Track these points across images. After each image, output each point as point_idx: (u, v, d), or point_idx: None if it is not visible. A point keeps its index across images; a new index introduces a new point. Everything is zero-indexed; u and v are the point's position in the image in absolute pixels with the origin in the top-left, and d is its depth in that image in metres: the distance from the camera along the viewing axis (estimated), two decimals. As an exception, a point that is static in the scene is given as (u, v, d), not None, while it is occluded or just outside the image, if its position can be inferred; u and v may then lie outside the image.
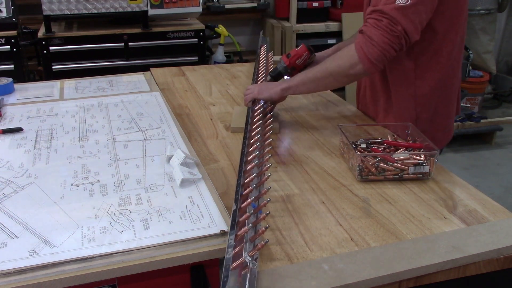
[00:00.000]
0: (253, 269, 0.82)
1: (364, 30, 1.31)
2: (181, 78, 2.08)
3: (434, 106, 1.46)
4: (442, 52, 1.40)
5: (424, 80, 1.43)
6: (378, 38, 1.27)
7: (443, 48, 1.39)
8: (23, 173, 1.18)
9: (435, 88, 1.43)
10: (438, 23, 1.35)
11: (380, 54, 1.28)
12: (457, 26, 1.39)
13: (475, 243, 0.96)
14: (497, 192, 3.08)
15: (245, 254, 0.84)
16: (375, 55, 1.28)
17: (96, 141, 1.37)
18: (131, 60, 2.90)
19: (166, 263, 0.88)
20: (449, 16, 1.36)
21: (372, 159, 1.21)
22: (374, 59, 1.28)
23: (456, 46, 1.42)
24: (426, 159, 1.20)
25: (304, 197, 1.14)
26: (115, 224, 0.96)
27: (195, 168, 1.20)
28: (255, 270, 0.83)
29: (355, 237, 0.99)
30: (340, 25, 3.72)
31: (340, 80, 1.39)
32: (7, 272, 0.82)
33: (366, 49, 1.28)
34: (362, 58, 1.29)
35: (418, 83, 1.43)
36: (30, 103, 1.69)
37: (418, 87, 1.43)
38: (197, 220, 0.98)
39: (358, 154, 1.20)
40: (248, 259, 0.83)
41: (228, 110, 1.69)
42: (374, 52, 1.28)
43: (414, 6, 1.25)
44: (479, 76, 4.13)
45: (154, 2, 2.83)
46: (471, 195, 1.15)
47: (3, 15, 2.74)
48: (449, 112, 1.52)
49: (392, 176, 1.20)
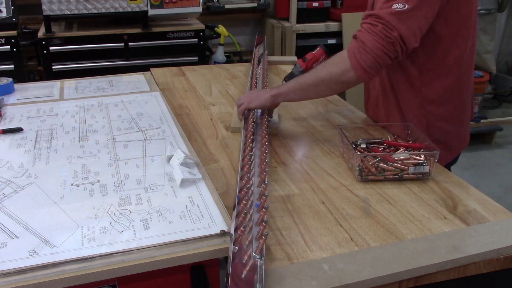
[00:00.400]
0: (261, 266, 0.83)
1: (357, 35, 1.25)
2: (181, 78, 2.08)
3: (446, 113, 1.41)
4: (449, 57, 1.34)
5: (431, 87, 1.37)
6: (372, 44, 1.21)
7: (450, 54, 1.34)
8: (23, 173, 1.18)
9: (445, 95, 1.38)
10: (442, 28, 1.29)
11: (374, 61, 1.21)
12: (465, 30, 1.33)
13: (475, 243, 0.96)
14: (497, 192, 3.08)
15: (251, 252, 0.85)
16: (368, 62, 1.22)
17: (96, 141, 1.37)
18: (131, 60, 2.90)
19: (166, 263, 0.88)
20: (455, 20, 1.29)
21: (372, 159, 1.21)
22: (367, 66, 1.22)
23: (467, 50, 1.35)
24: (426, 159, 1.20)
25: (304, 197, 1.14)
26: (115, 224, 0.96)
27: (195, 168, 1.20)
28: (263, 267, 0.84)
29: (355, 237, 0.99)
30: (340, 25, 3.72)
31: (332, 87, 1.32)
32: (7, 272, 0.82)
33: (359, 56, 1.22)
34: (355, 65, 1.23)
35: (425, 91, 1.38)
36: (30, 103, 1.69)
37: (425, 95, 1.38)
38: (197, 220, 0.98)
39: (358, 154, 1.20)
40: (256, 257, 0.84)
41: (228, 110, 1.69)
42: (367, 58, 1.22)
43: (411, 11, 1.19)
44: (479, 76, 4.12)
45: (154, 2, 2.83)
46: (471, 195, 1.15)
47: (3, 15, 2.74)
48: (462, 118, 1.46)
49: (392, 176, 1.20)
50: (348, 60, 1.25)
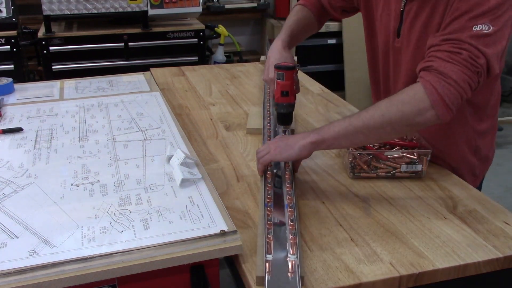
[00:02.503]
0: (298, 264, 0.85)
1: (434, 66, 1.03)
2: (181, 78, 2.08)
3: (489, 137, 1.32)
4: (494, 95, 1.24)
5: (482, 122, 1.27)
6: (457, 76, 1.00)
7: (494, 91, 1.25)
8: (23, 173, 1.18)
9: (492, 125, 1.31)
10: None
11: (458, 95, 1.01)
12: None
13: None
14: (497, 192, 3.08)
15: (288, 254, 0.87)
16: (452, 97, 1.00)
17: (96, 141, 1.37)
18: (131, 60, 2.90)
19: (166, 263, 0.88)
20: None
21: (365, 156, 1.21)
22: (451, 102, 1.00)
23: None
24: (419, 158, 1.20)
25: (304, 197, 1.14)
26: (115, 224, 0.96)
27: (195, 168, 1.20)
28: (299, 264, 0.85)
29: (355, 237, 0.99)
30: (340, 25, 3.72)
31: (402, 130, 1.08)
32: (7, 272, 0.82)
33: (441, 90, 1.00)
34: (437, 102, 1.00)
35: (476, 125, 1.27)
36: (30, 103, 1.68)
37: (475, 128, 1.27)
38: (197, 220, 0.98)
39: (350, 151, 1.20)
40: (292, 258, 0.86)
41: (228, 110, 1.69)
42: (451, 93, 1.00)
43: (497, 33, 1.01)
44: (479, 76, 4.13)
45: (154, 2, 2.83)
46: (471, 195, 1.15)
47: (3, 15, 2.74)
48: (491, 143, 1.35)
49: (384, 174, 1.20)
50: (426, 96, 1.01)
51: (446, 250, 0.95)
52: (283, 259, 0.87)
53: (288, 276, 0.82)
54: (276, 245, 0.90)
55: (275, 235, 0.93)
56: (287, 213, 0.98)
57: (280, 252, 0.89)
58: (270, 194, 1.06)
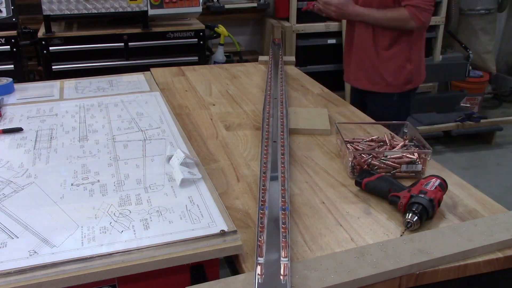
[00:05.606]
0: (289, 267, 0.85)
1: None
2: (181, 78, 2.08)
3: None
4: None
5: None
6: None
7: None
8: (23, 173, 1.18)
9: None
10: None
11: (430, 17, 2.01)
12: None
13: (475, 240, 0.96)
14: (497, 192, 3.08)
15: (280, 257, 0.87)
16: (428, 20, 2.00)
17: (96, 141, 1.37)
18: (131, 60, 2.90)
19: (166, 263, 0.88)
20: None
21: (365, 156, 1.21)
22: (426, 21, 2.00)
23: None
24: (419, 158, 1.20)
25: (304, 197, 1.14)
26: (115, 224, 0.96)
27: (195, 168, 1.20)
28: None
29: (355, 237, 0.99)
30: (340, 25, 3.72)
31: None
32: (7, 272, 0.82)
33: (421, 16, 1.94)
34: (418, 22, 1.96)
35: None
36: (30, 103, 1.69)
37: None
38: (197, 220, 0.98)
39: (350, 151, 1.20)
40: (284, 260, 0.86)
41: (228, 110, 1.69)
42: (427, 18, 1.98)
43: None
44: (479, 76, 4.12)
45: (154, 2, 2.83)
46: (471, 195, 1.15)
47: (3, 15, 2.74)
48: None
49: (384, 174, 1.20)
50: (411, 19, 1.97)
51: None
52: (275, 261, 0.85)
53: (281, 279, 0.82)
54: (269, 247, 0.89)
55: (268, 236, 0.92)
56: (280, 216, 0.97)
57: (272, 254, 0.87)
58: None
